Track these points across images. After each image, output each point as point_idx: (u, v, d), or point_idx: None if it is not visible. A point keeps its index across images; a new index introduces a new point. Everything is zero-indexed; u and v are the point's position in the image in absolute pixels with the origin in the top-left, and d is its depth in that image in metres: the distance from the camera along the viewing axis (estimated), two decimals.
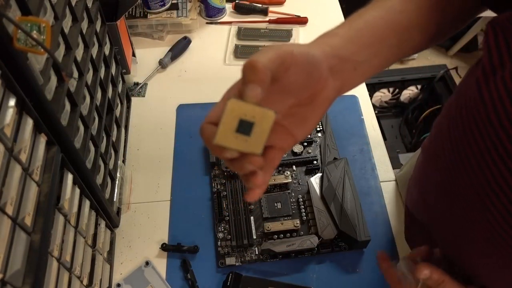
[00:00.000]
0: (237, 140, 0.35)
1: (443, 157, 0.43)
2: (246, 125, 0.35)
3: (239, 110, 0.35)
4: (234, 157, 0.36)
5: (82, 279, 0.52)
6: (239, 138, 0.35)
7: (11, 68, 0.37)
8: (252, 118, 0.35)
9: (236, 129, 0.35)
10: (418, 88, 1.57)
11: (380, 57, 0.42)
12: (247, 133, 0.35)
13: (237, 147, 0.35)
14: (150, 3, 0.92)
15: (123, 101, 0.79)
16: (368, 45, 0.41)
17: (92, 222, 0.58)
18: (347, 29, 0.41)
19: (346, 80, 0.41)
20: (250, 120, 0.35)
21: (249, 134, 0.35)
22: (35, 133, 0.43)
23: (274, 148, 0.39)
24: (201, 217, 0.70)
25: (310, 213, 0.68)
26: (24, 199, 0.39)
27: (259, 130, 0.35)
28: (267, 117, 0.35)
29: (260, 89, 0.34)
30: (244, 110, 0.35)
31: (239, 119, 0.35)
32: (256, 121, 0.35)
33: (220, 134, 0.35)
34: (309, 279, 0.64)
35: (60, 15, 0.48)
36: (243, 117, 0.35)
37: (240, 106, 0.35)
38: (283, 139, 0.40)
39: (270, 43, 0.95)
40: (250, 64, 0.34)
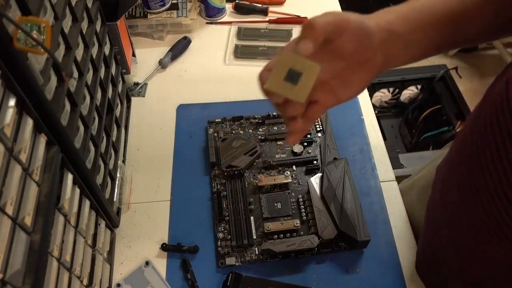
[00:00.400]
0: (285, 87, 0.40)
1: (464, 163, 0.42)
2: (294, 74, 0.40)
3: (289, 61, 0.40)
4: (280, 102, 0.41)
5: (82, 279, 0.52)
6: (287, 86, 0.40)
7: (11, 68, 0.37)
8: (300, 69, 0.40)
9: (285, 77, 0.40)
10: (418, 88, 1.57)
11: (432, 41, 0.44)
12: (294, 81, 0.40)
13: (284, 93, 0.40)
14: (150, 3, 0.92)
15: (123, 101, 0.79)
16: (423, 26, 0.42)
17: (92, 222, 0.58)
18: (406, 8, 0.43)
19: (395, 57, 0.43)
20: (298, 70, 0.40)
21: (296, 82, 0.40)
22: (35, 133, 0.43)
23: (317, 104, 0.43)
24: (201, 217, 0.70)
25: (310, 213, 0.68)
26: (24, 199, 0.39)
27: (305, 80, 0.40)
28: (313, 69, 0.40)
29: (312, 44, 0.38)
30: (294, 61, 0.40)
31: (288, 69, 0.40)
32: (303, 72, 0.40)
33: (271, 80, 0.41)
34: (309, 279, 0.64)
35: (60, 15, 0.48)
36: (293, 67, 0.40)
37: (291, 58, 0.40)
38: (326, 97, 0.44)
39: (270, 43, 0.96)
40: (309, 23, 0.39)
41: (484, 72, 2.08)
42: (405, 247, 0.67)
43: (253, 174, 0.73)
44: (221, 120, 0.80)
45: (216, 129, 0.79)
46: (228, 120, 0.80)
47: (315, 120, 0.44)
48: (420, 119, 1.51)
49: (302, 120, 0.43)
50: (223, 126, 0.80)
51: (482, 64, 2.11)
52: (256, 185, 0.71)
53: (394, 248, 0.67)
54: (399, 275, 0.64)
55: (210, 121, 0.80)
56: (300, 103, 0.41)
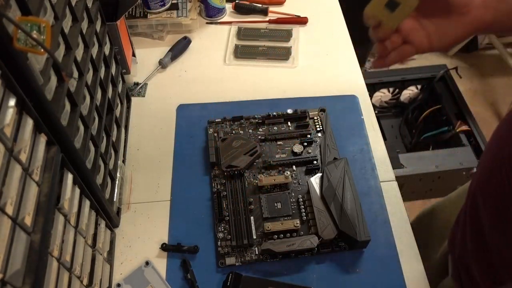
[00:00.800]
0: (382, 12, 0.46)
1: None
2: (393, 3, 0.46)
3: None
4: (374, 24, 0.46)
5: (82, 279, 0.52)
6: (385, 11, 0.46)
7: (11, 68, 0.37)
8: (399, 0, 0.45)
9: (385, 4, 0.46)
10: (418, 88, 1.57)
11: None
12: (392, 9, 0.46)
13: (380, 16, 0.46)
14: (150, 3, 0.92)
15: (123, 101, 0.79)
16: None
17: (92, 222, 0.58)
18: None
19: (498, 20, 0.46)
20: (397, 1, 0.45)
21: (393, 10, 0.46)
22: (35, 133, 0.43)
23: (410, 44, 0.48)
24: (201, 217, 0.70)
25: (310, 213, 0.68)
26: (24, 199, 0.39)
27: (401, 10, 0.45)
28: (411, 3, 0.45)
29: None
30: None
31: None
32: (402, 3, 0.45)
33: (372, 4, 0.47)
34: (309, 279, 0.64)
35: (60, 15, 0.48)
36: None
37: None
38: (422, 40, 0.48)
39: (270, 43, 0.96)
40: None
41: (484, 72, 2.08)
42: (405, 247, 0.67)
43: (253, 174, 0.73)
44: (221, 120, 0.80)
45: (216, 129, 0.79)
46: (228, 120, 0.80)
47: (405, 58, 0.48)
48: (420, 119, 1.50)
49: (394, 53, 0.48)
50: (223, 126, 0.80)
51: (482, 64, 2.11)
52: (256, 185, 0.71)
53: (394, 248, 0.67)
54: (399, 275, 0.64)
55: (210, 121, 0.80)
56: (389, 28, 0.47)
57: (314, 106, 0.82)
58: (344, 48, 0.96)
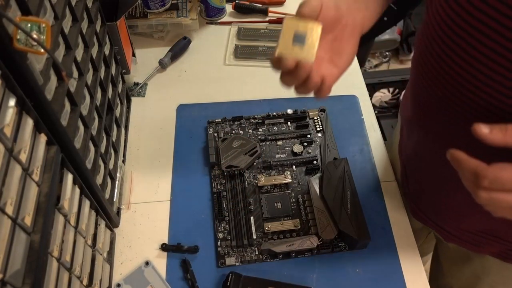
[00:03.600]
0: (294, 50, 0.44)
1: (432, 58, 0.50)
2: (300, 36, 0.45)
3: (293, 26, 0.45)
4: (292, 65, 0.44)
5: (82, 279, 0.52)
6: (296, 48, 0.44)
7: (11, 68, 0.37)
8: (304, 30, 0.44)
9: (292, 41, 0.44)
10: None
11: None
12: (301, 43, 0.44)
13: (294, 55, 0.44)
14: (150, 3, 0.92)
15: (123, 101, 0.79)
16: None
17: (92, 222, 0.58)
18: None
19: (364, 16, 0.51)
20: (302, 32, 0.44)
21: (303, 44, 0.44)
22: (35, 133, 0.43)
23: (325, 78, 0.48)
24: (201, 217, 0.70)
25: (310, 213, 0.68)
26: (24, 199, 0.39)
27: (310, 39, 0.44)
28: (315, 27, 0.45)
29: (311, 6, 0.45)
30: (297, 25, 0.45)
31: (294, 32, 0.44)
32: (307, 32, 0.44)
33: (280, 46, 0.44)
34: (309, 279, 0.64)
35: (60, 15, 0.48)
36: (297, 30, 0.44)
37: (294, 22, 0.45)
38: (330, 69, 0.49)
39: (270, 43, 0.96)
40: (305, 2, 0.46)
41: None
42: (405, 247, 0.67)
43: (253, 174, 0.73)
44: (221, 120, 0.80)
45: (216, 129, 0.79)
46: (228, 120, 0.80)
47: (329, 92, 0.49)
48: None
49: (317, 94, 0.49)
50: (223, 126, 0.80)
51: None
52: (256, 185, 0.71)
53: (394, 248, 0.67)
54: (399, 275, 0.64)
55: (210, 121, 0.80)
56: (310, 63, 0.45)
57: (314, 106, 0.82)
58: None
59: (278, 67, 0.46)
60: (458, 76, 0.46)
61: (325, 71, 0.48)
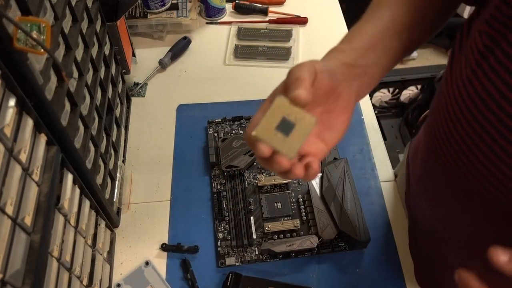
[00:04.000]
0: (275, 137, 0.36)
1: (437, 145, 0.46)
2: (287, 125, 0.36)
3: (284, 109, 0.37)
4: (266, 154, 0.37)
5: (82, 279, 0.52)
6: (277, 136, 0.36)
7: (11, 68, 0.37)
8: (294, 120, 0.36)
9: (277, 126, 0.36)
10: (418, 88, 1.57)
11: (387, 57, 0.47)
12: (286, 132, 0.36)
13: (273, 144, 0.36)
14: (150, 3, 0.92)
15: (123, 101, 0.79)
16: (370, 50, 0.45)
17: (92, 222, 0.58)
18: (348, 42, 0.46)
19: (362, 84, 0.45)
20: (292, 121, 0.36)
21: (288, 134, 0.36)
22: (35, 133, 0.43)
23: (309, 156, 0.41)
24: (201, 217, 0.70)
25: (310, 213, 0.68)
26: (24, 199, 0.39)
27: (297, 134, 0.36)
28: (308, 122, 0.37)
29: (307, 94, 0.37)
30: (289, 110, 0.37)
31: (282, 117, 0.36)
32: (297, 124, 0.36)
33: (262, 126, 0.36)
34: (309, 279, 0.64)
35: (60, 15, 0.48)
36: (287, 116, 0.36)
37: (286, 105, 0.37)
38: (318, 147, 0.43)
39: (270, 43, 0.95)
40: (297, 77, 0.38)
41: None
42: (405, 247, 0.67)
43: (253, 174, 0.73)
44: (221, 120, 0.80)
45: (216, 129, 0.79)
46: (228, 120, 0.80)
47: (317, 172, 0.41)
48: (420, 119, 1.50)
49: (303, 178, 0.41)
50: (223, 126, 0.80)
51: None
52: (256, 185, 0.71)
53: (394, 248, 0.67)
54: (399, 275, 0.64)
55: (210, 121, 0.80)
56: (288, 159, 0.37)
57: None
58: None
59: (250, 146, 0.39)
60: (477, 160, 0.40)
61: (312, 148, 0.42)
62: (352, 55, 0.45)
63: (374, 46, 0.46)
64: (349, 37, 0.47)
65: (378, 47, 0.46)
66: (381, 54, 0.46)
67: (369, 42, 0.46)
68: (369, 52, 0.45)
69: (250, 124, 0.39)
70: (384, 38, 0.46)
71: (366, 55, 0.45)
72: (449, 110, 0.43)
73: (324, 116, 0.43)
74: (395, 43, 0.47)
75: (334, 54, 0.45)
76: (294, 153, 0.36)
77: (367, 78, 0.46)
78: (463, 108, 0.40)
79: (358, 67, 0.44)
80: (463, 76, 0.41)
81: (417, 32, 0.48)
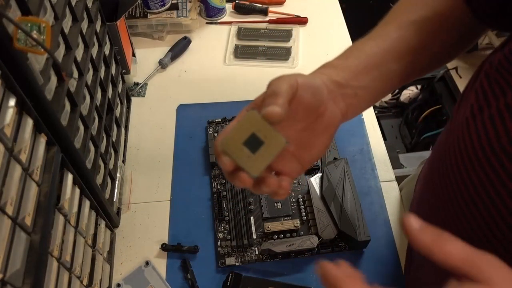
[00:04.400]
0: (240, 152, 0.35)
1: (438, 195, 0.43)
2: (255, 141, 0.35)
3: (255, 124, 0.35)
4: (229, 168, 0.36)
5: (82, 279, 0.52)
6: (243, 152, 0.35)
7: (11, 68, 0.37)
8: (263, 138, 0.35)
9: (244, 141, 0.35)
10: (418, 88, 1.57)
11: (382, 81, 0.43)
12: (253, 149, 0.35)
13: (237, 159, 0.35)
14: (150, 3, 0.92)
15: (123, 101, 0.79)
16: (366, 71, 0.42)
17: (92, 222, 0.58)
18: (344, 59, 0.43)
19: (350, 105, 0.42)
20: (261, 138, 0.35)
21: (254, 152, 0.35)
22: (35, 133, 0.43)
23: (283, 174, 0.40)
24: (201, 217, 0.70)
25: (310, 213, 0.68)
26: (24, 199, 0.39)
27: (264, 153, 0.35)
28: (277, 143, 0.35)
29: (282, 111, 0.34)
30: (260, 126, 0.35)
31: (251, 133, 0.35)
32: (266, 142, 0.35)
33: (228, 139, 0.35)
34: (309, 279, 0.64)
35: (60, 15, 0.48)
36: (256, 132, 0.35)
37: (258, 121, 0.35)
38: (290, 165, 0.40)
39: (270, 43, 0.95)
40: (273, 92, 0.35)
41: None
42: (405, 247, 0.67)
43: None
44: (221, 120, 0.80)
45: (216, 129, 0.79)
46: (228, 120, 0.80)
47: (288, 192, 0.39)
48: (420, 119, 1.50)
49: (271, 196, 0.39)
50: (223, 126, 0.79)
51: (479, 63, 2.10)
52: None
53: (394, 248, 0.67)
54: (399, 275, 0.64)
55: (210, 121, 0.80)
56: (250, 177, 0.35)
57: None
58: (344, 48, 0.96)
59: (216, 156, 0.37)
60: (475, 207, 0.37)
61: (285, 167, 0.39)
62: (344, 74, 0.42)
63: (371, 68, 0.43)
64: (347, 53, 0.45)
65: (375, 70, 0.43)
66: (377, 77, 0.43)
67: (366, 62, 0.43)
68: (363, 74, 0.42)
69: (221, 133, 0.38)
70: (384, 60, 0.43)
71: (359, 76, 0.42)
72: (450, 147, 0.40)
73: (304, 134, 0.40)
74: (395, 67, 0.44)
75: (326, 70, 0.43)
76: (258, 172, 0.35)
77: (357, 100, 0.43)
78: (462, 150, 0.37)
79: (348, 87, 0.42)
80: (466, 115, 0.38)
81: (422, 59, 0.45)
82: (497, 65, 0.35)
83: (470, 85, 0.41)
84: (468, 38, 0.47)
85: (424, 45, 0.44)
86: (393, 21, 0.45)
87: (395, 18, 0.46)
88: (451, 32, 0.45)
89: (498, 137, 0.33)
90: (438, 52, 0.46)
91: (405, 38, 0.44)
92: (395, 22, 0.45)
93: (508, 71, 0.34)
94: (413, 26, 0.44)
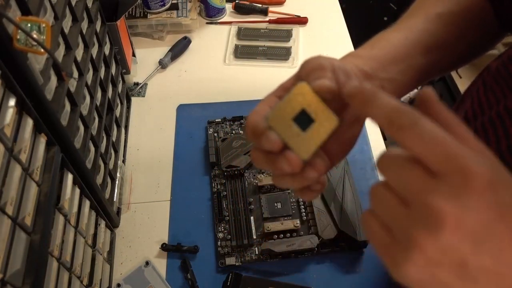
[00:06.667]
0: (289, 129, 0.30)
1: None
2: (306, 118, 0.30)
3: (306, 97, 0.30)
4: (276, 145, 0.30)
5: (82, 279, 0.52)
6: (293, 129, 0.30)
7: (11, 68, 0.37)
8: (314, 114, 0.30)
9: (294, 117, 0.30)
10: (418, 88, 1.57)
11: (409, 75, 0.41)
12: (303, 127, 0.30)
13: (286, 137, 0.30)
14: (150, 3, 0.92)
15: (123, 101, 0.79)
16: (392, 63, 0.39)
17: (92, 222, 0.58)
18: (369, 49, 0.40)
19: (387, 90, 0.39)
20: (312, 115, 0.30)
21: (305, 129, 0.30)
22: (35, 133, 0.43)
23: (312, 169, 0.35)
24: (201, 217, 0.70)
25: (310, 213, 0.68)
26: (24, 199, 0.39)
27: (316, 132, 0.30)
28: (330, 121, 0.30)
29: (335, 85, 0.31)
30: (311, 101, 0.30)
31: (301, 108, 0.30)
32: (317, 120, 0.30)
33: (275, 113, 0.30)
34: (309, 279, 0.64)
35: (60, 15, 0.48)
36: (307, 108, 0.30)
37: (309, 94, 0.30)
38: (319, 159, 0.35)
39: (270, 43, 0.95)
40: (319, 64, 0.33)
41: None
42: None
43: (253, 174, 0.73)
44: (221, 120, 0.80)
45: (216, 129, 0.79)
46: (228, 120, 0.80)
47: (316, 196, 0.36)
48: None
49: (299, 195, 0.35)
50: (223, 126, 0.79)
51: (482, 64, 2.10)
52: (256, 185, 0.71)
53: None
54: None
55: (210, 121, 0.80)
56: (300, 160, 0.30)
57: None
58: (344, 48, 0.96)
59: (253, 136, 0.32)
60: None
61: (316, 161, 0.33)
62: (372, 63, 0.38)
63: (400, 60, 0.40)
64: (371, 43, 0.41)
65: (403, 62, 0.40)
66: (404, 70, 0.40)
67: (395, 53, 0.40)
68: (391, 65, 0.39)
69: (254, 112, 0.32)
70: (412, 52, 0.40)
71: (387, 67, 0.39)
72: None
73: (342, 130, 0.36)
74: (423, 60, 0.41)
75: (351, 59, 0.39)
76: (309, 153, 0.30)
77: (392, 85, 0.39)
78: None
79: (376, 79, 0.38)
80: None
81: (448, 55, 0.43)
82: (495, 71, 0.34)
83: (468, 91, 0.41)
84: (489, 39, 0.46)
85: (450, 40, 0.42)
86: (420, 14, 0.43)
87: (421, 11, 0.44)
88: (475, 30, 0.44)
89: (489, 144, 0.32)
90: (463, 50, 0.45)
91: (432, 31, 0.41)
92: (422, 14, 0.43)
93: (503, 78, 0.33)
94: (441, 20, 0.42)
